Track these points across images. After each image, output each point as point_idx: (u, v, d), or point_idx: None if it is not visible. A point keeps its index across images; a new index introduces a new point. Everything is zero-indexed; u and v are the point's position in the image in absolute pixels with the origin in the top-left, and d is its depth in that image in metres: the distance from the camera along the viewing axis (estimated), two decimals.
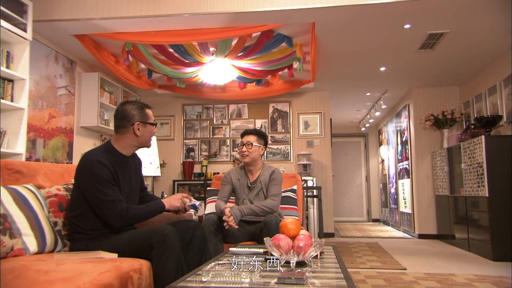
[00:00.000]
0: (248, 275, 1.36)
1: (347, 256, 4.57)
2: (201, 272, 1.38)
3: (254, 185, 2.93)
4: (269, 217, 2.66)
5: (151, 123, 2.24)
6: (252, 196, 2.90)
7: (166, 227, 1.92)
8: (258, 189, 2.91)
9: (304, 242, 1.57)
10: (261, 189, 2.90)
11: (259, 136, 2.97)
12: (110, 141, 2.21)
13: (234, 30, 4.10)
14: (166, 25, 4.01)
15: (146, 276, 1.79)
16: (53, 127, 4.38)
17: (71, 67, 4.76)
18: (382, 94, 6.81)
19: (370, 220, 9.80)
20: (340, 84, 6.30)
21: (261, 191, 2.90)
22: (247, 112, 6.70)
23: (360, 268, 3.82)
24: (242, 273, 1.37)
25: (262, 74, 5.46)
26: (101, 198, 1.96)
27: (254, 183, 2.93)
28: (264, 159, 6.56)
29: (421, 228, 6.35)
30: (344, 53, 4.92)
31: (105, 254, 1.82)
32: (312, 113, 6.59)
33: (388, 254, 4.65)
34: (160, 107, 6.84)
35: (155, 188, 6.51)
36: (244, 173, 2.99)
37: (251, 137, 2.95)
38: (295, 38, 4.46)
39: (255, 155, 2.94)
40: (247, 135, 2.97)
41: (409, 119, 6.76)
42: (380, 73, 5.71)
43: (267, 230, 2.52)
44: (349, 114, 8.56)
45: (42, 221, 1.91)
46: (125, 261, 1.73)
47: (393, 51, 4.87)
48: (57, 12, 3.84)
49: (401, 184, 7.35)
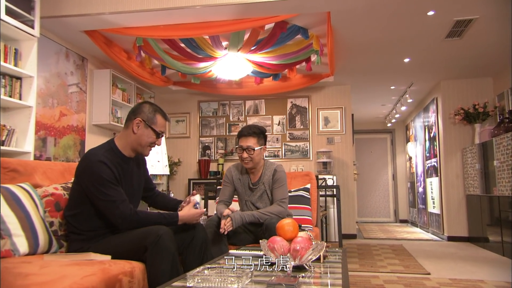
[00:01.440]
0: (236, 281, 1.29)
1: (367, 259, 4.44)
2: (187, 277, 1.32)
3: (256, 186, 2.73)
4: (270, 219, 2.51)
5: (154, 129, 2.13)
6: (255, 198, 2.72)
7: (161, 228, 1.87)
8: (261, 191, 2.71)
9: (301, 245, 1.49)
10: (265, 191, 2.70)
11: (258, 136, 2.66)
12: (114, 139, 2.18)
13: (246, 22, 4.03)
14: (176, 19, 3.99)
15: (139, 279, 1.76)
16: (64, 125, 4.44)
17: (82, 64, 4.81)
18: (408, 87, 6.59)
19: (397, 221, 9.55)
20: (362, 77, 6.13)
21: (264, 193, 2.70)
22: (264, 108, 6.63)
23: (379, 272, 3.69)
24: (230, 278, 1.31)
25: (279, 68, 5.38)
26: (102, 198, 1.94)
27: (256, 184, 2.73)
28: (282, 157, 6.48)
29: (450, 230, 6.11)
30: (363, 44, 4.77)
31: (96, 256, 1.79)
32: (333, 109, 6.45)
33: (412, 258, 4.49)
34: (175, 104, 6.86)
35: (171, 187, 6.54)
36: (246, 172, 2.78)
37: (251, 140, 2.64)
38: (311, 29, 4.35)
39: (258, 158, 2.68)
40: (245, 138, 2.65)
41: (437, 113, 6.52)
42: (404, 65, 5.51)
43: (268, 234, 2.34)
44: (374, 109, 8.35)
45: (35, 221, 1.90)
46: (116, 264, 1.70)
47: (417, 41, 4.67)
48: (65, 8, 3.88)
49: (429, 183, 7.10)
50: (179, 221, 2.11)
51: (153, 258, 1.81)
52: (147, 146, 2.17)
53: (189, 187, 6.29)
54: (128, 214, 1.96)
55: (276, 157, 6.48)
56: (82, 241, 2.01)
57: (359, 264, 4.13)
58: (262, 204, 2.72)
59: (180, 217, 2.11)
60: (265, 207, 2.69)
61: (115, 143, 2.15)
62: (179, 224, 2.12)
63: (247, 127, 2.69)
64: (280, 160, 6.47)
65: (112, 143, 2.15)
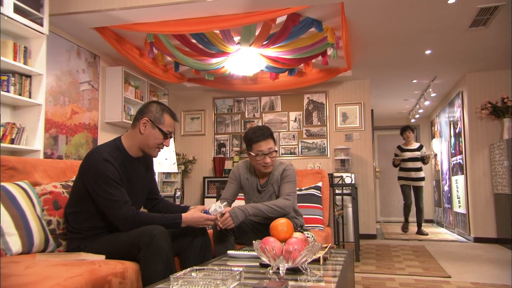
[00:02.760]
0: (221, 284, 1.24)
1: (385, 260, 4.32)
2: (170, 279, 1.28)
3: (264, 188, 2.59)
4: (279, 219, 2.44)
5: (161, 129, 2.08)
6: (263, 200, 2.56)
7: (156, 228, 1.84)
8: (270, 193, 2.57)
9: (294, 247, 1.42)
10: (274, 192, 2.57)
11: (273, 136, 2.52)
12: (121, 137, 2.16)
13: (256, 15, 3.97)
14: (185, 13, 3.96)
15: (132, 280, 1.73)
16: (75, 123, 4.50)
17: (94, 62, 4.86)
18: (431, 81, 6.38)
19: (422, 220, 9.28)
20: (382, 71, 5.97)
21: (273, 194, 2.57)
22: (280, 104, 6.55)
23: (396, 275, 3.57)
24: (216, 281, 1.26)
25: (294, 63, 5.29)
26: (105, 197, 1.92)
27: (265, 186, 2.59)
28: (298, 155, 6.40)
29: (477, 231, 5.89)
30: (381, 36, 4.63)
31: (87, 255, 1.78)
32: (351, 104, 6.31)
33: (434, 259, 4.33)
34: (190, 101, 6.87)
35: (186, 186, 6.55)
36: (254, 173, 2.63)
37: (271, 142, 2.46)
38: (325, 21, 4.25)
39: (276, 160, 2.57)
40: (265, 141, 2.43)
41: (462, 108, 6.29)
42: (426, 57, 5.33)
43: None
44: (396, 104, 8.14)
45: (30, 219, 1.90)
46: (107, 264, 1.67)
47: (438, 31, 4.50)
48: (74, 5, 3.92)
49: (455, 181, 6.87)
50: (183, 223, 2.05)
51: (146, 259, 1.78)
52: (155, 148, 2.12)
53: (203, 186, 6.29)
54: (130, 215, 1.93)
55: (293, 155, 6.40)
56: (80, 240, 2.00)
57: (375, 265, 4.02)
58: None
59: (184, 220, 2.05)
60: None
61: (121, 141, 2.12)
62: (183, 226, 2.08)
63: (259, 130, 2.47)
64: (297, 157, 6.39)
65: (118, 141, 2.13)
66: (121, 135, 2.19)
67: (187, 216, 2.08)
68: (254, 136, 2.45)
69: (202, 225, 2.11)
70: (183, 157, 6.45)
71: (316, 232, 2.94)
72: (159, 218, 1.99)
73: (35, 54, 3.69)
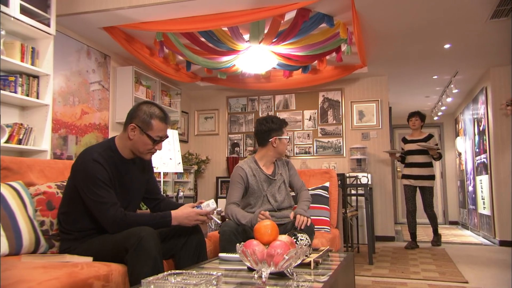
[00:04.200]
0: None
1: (400, 263, 4.18)
2: (142, 284, 1.24)
3: (275, 177, 2.78)
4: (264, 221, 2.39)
5: (149, 135, 2.02)
6: (275, 190, 2.74)
7: (144, 229, 1.81)
8: (279, 182, 2.78)
9: (277, 250, 1.36)
10: (283, 181, 2.79)
11: None
12: (115, 138, 2.14)
13: (264, 11, 3.91)
14: (191, 11, 3.94)
15: (117, 283, 1.70)
16: (85, 123, 4.54)
17: (104, 62, 4.90)
18: (453, 76, 6.16)
19: (446, 222, 9.03)
20: (399, 67, 5.81)
21: (282, 184, 2.79)
22: (294, 102, 6.47)
23: (409, 279, 3.44)
24: (189, 286, 1.21)
25: (307, 60, 5.20)
26: (93, 199, 1.90)
27: (274, 176, 2.78)
28: (313, 154, 6.30)
29: (503, 234, 5.65)
30: (395, 30, 4.49)
31: (72, 257, 1.76)
32: (368, 102, 6.16)
33: (452, 263, 4.17)
34: (203, 100, 6.87)
35: (199, 186, 6.55)
36: (258, 167, 2.76)
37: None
38: (337, 16, 4.15)
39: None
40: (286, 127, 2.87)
41: (486, 104, 6.05)
42: (445, 52, 5.14)
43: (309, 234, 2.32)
44: (417, 101, 7.92)
45: (19, 220, 1.90)
46: (91, 267, 1.65)
47: (457, 24, 4.33)
48: (81, 5, 3.95)
49: (479, 181, 6.62)
50: (173, 221, 2.00)
51: (133, 261, 1.75)
52: (146, 153, 2.08)
53: (217, 186, 6.27)
54: (118, 217, 1.89)
55: (307, 154, 6.30)
56: (71, 241, 1.99)
57: (389, 269, 3.89)
58: (280, 196, 2.75)
59: (174, 216, 2.00)
60: (283, 198, 2.75)
61: (115, 142, 2.10)
62: (174, 224, 2.03)
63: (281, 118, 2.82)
64: (312, 157, 6.29)
65: (112, 142, 2.11)
66: (115, 135, 2.17)
67: (177, 212, 2.02)
68: (283, 122, 2.79)
69: (194, 220, 2.03)
70: (196, 157, 6.45)
71: (321, 234, 2.86)
72: (148, 218, 1.96)
73: (43, 54, 3.73)
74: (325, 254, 1.91)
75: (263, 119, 2.74)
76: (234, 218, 2.47)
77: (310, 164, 6.25)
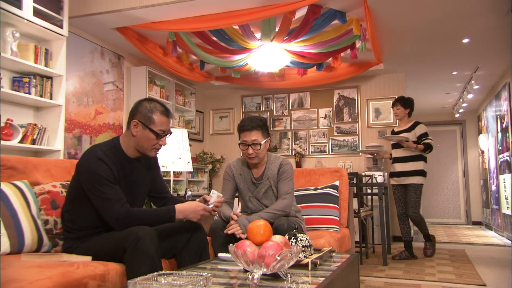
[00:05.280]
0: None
1: (415, 264, 4.07)
2: (128, 284, 1.23)
3: (260, 181, 2.58)
4: (279, 220, 2.34)
5: (152, 129, 2.02)
6: (260, 195, 2.57)
7: (143, 229, 1.80)
8: (266, 186, 2.57)
9: (269, 251, 1.32)
10: (270, 186, 2.57)
11: (262, 128, 2.49)
12: (119, 137, 2.15)
13: (274, 8, 3.87)
14: (200, 10, 3.94)
15: (114, 283, 1.70)
16: (99, 123, 4.60)
17: (118, 62, 4.95)
18: (473, 72, 5.98)
19: (469, 222, 8.78)
20: (417, 63, 5.67)
21: (270, 189, 2.57)
22: (309, 101, 6.39)
23: (423, 281, 3.35)
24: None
25: (320, 57, 5.14)
26: (97, 196, 1.91)
27: (260, 179, 2.59)
28: (329, 153, 6.21)
29: None
30: (410, 26, 4.38)
31: (70, 256, 1.77)
32: (384, 99, 6.04)
33: (471, 265, 4.04)
34: (218, 99, 6.87)
35: (214, 185, 6.55)
36: (247, 167, 2.62)
37: (255, 134, 2.45)
38: (349, 12, 4.07)
39: (263, 153, 2.54)
40: (249, 132, 2.45)
41: (509, 100, 5.83)
42: (464, 46, 4.99)
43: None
44: (437, 98, 7.72)
45: (22, 219, 1.92)
46: (87, 266, 1.65)
47: (474, 17, 4.18)
48: (94, 6, 4.00)
49: (502, 180, 6.40)
50: (177, 215, 1.99)
51: (131, 261, 1.75)
52: (151, 149, 2.08)
53: None
54: (123, 213, 1.90)
55: (323, 153, 6.23)
56: (73, 240, 2.01)
57: (403, 270, 3.79)
58: (268, 201, 2.57)
59: (178, 211, 1.99)
60: (271, 203, 2.54)
61: (119, 141, 2.11)
62: (179, 219, 2.01)
63: (249, 119, 2.49)
64: (327, 156, 6.21)
65: (116, 141, 2.11)
66: (120, 135, 2.17)
67: (183, 205, 2.02)
68: (241, 125, 2.50)
69: (200, 213, 2.01)
70: (210, 156, 6.46)
71: (329, 233, 2.81)
72: (151, 214, 1.96)
73: (56, 56, 3.80)
74: (327, 255, 1.86)
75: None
76: (222, 216, 2.47)
77: (325, 163, 6.17)
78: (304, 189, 3.15)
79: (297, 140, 6.35)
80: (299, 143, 6.30)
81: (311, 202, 3.03)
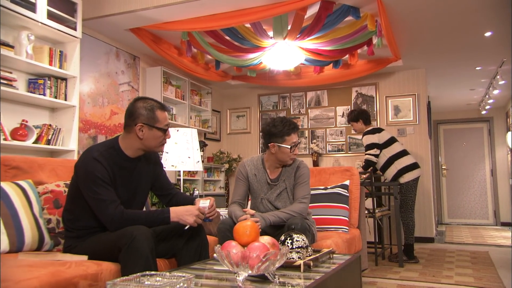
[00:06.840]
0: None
1: (433, 266, 3.93)
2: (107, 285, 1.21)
3: (275, 182, 2.54)
4: (293, 219, 2.30)
5: (158, 127, 2.05)
6: (273, 196, 2.53)
7: (138, 229, 1.79)
8: (281, 188, 2.53)
9: (253, 253, 1.28)
10: (285, 188, 2.53)
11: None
12: (118, 137, 2.16)
13: (285, 5, 3.82)
14: (211, 9, 3.93)
15: None
16: (115, 123, 4.66)
17: (133, 63, 5.01)
18: (499, 66, 5.74)
19: (497, 223, 8.45)
20: (438, 59, 5.49)
21: (285, 191, 2.53)
22: (326, 99, 6.30)
23: (439, 283, 3.22)
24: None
25: (336, 55, 5.05)
26: (92, 196, 1.92)
27: (276, 181, 2.55)
28: (346, 151, 6.10)
29: None
30: (428, 20, 4.23)
31: (64, 256, 1.77)
32: (404, 96, 5.88)
33: (492, 268, 3.87)
34: (235, 99, 6.87)
35: (230, 185, 6.54)
36: (263, 168, 2.58)
37: (296, 135, 2.53)
38: (363, 7, 3.98)
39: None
40: (294, 133, 2.50)
41: None
42: (486, 40, 4.79)
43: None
44: (461, 95, 7.47)
45: (22, 218, 1.95)
46: (80, 265, 1.65)
47: (496, 9, 4.00)
48: (106, 7, 4.05)
49: None
50: (172, 216, 1.99)
51: (126, 260, 1.74)
52: (159, 146, 2.11)
53: None
54: (117, 214, 1.90)
55: (340, 152, 6.12)
56: (72, 239, 2.02)
57: (419, 272, 3.67)
58: (281, 203, 2.52)
59: (172, 213, 1.99)
60: (284, 206, 2.50)
61: (118, 142, 2.11)
62: (174, 221, 2.00)
63: (289, 122, 2.50)
64: (344, 154, 6.09)
65: (115, 141, 2.11)
66: (119, 134, 2.17)
67: (177, 207, 2.02)
68: (287, 129, 2.48)
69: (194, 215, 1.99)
70: (227, 155, 6.45)
71: (338, 234, 2.74)
72: (145, 216, 1.96)
73: (70, 57, 3.87)
74: (325, 256, 1.80)
75: (270, 120, 2.56)
76: (232, 217, 2.42)
77: (342, 162, 6.06)
78: (314, 188, 3.08)
79: (314, 139, 6.27)
80: (316, 142, 6.22)
81: (320, 202, 2.97)
